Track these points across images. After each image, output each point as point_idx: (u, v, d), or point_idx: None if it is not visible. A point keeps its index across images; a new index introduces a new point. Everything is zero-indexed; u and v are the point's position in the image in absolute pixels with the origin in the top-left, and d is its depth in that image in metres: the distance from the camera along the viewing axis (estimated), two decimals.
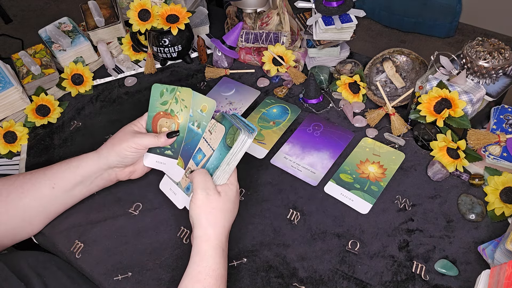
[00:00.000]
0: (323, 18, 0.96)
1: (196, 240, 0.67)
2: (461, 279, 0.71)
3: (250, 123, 0.74)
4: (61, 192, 0.77)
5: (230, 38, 1.05)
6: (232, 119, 0.73)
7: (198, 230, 0.67)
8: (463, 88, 0.82)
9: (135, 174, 0.83)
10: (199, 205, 0.68)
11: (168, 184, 0.81)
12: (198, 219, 0.68)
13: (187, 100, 0.77)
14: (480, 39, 0.82)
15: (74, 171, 0.77)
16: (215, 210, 0.68)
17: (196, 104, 0.77)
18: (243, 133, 0.69)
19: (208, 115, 0.76)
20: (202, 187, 0.69)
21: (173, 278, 0.75)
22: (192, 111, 0.77)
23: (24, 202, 0.75)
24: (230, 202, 0.71)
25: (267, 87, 1.04)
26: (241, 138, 0.69)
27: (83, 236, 0.81)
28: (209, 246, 0.66)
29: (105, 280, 0.75)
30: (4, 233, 0.75)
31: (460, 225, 0.77)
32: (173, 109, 0.78)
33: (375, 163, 0.87)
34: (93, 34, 1.12)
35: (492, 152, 0.81)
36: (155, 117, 0.79)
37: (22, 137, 0.98)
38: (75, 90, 1.06)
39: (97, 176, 0.79)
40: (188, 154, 0.77)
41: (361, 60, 1.05)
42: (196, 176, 0.70)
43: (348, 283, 0.72)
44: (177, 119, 0.78)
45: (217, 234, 0.67)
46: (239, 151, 0.71)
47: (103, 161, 0.77)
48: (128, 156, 0.76)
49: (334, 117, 0.97)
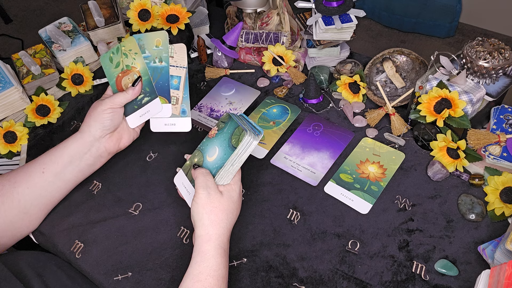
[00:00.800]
0: (323, 18, 0.96)
1: (197, 239, 0.67)
2: (461, 279, 0.71)
3: (256, 125, 0.74)
4: (52, 175, 0.78)
5: (230, 38, 1.05)
6: (238, 120, 0.73)
7: (200, 230, 0.67)
8: (463, 88, 0.82)
9: (123, 141, 0.83)
10: (200, 204, 0.68)
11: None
12: (200, 219, 0.68)
13: (134, 48, 0.81)
14: (480, 39, 0.82)
15: (62, 151, 0.78)
16: (216, 210, 0.68)
17: (149, 43, 0.81)
18: (248, 134, 0.69)
19: (164, 46, 0.80)
20: (203, 186, 0.69)
21: (173, 278, 0.75)
22: (148, 51, 0.81)
23: (18, 191, 0.76)
24: (233, 202, 0.70)
25: (267, 87, 1.04)
26: (247, 139, 0.69)
27: (83, 236, 0.81)
28: (210, 246, 0.66)
29: (105, 280, 0.75)
30: (4, 227, 0.75)
31: (460, 225, 0.77)
32: (127, 64, 0.82)
33: (375, 163, 0.87)
34: (93, 34, 1.12)
35: (492, 152, 0.81)
36: (117, 81, 0.82)
37: (22, 137, 0.98)
38: (75, 90, 1.06)
39: (85, 152, 0.79)
40: (165, 88, 0.81)
41: (361, 60, 1.05)
42: (198, 176, 0.70)
43: (348, 283, 0.72)
44: (135, 68, 0.81)
45: (218, 234, 0.67)
46: (244, 152, 0.70)
47: (86, 134, 0.78)
48: (106, 118, 0.78)
49: (334, 117, 0.97)
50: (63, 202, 0.85)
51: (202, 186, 0.69)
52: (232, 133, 0.72)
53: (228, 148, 0.71)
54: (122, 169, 0.91)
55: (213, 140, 0.75)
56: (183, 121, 0.84)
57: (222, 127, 0.74)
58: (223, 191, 0.70)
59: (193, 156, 0.77)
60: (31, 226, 0.80)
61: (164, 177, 0.89)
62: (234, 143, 0.71)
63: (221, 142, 0.73)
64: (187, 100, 0.84)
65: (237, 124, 0.72)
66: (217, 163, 0.72)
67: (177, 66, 0.80)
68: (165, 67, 0.81)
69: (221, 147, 0.72)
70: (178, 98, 0.83)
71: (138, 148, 0.94)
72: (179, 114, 0.83)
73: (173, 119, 0.83)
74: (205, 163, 0.74)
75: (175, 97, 0.81)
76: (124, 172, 0.91)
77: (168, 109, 0.82)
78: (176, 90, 0.81)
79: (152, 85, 0.81)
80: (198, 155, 0.76)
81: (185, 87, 0.83)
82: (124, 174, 0.90)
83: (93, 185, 0.89)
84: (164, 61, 0.81)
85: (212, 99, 1.03)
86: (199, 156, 0.75)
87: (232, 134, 0.71)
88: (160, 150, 0.94)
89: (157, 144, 0.95)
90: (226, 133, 0.73)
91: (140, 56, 0.81)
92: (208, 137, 0.76)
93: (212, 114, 1.00)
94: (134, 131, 0.85)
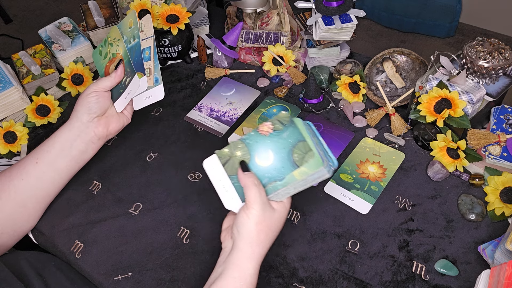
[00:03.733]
0: (323, 18, 0.96)
1: (237, 252, 0.63)
2: (461, 279, 0.71)
3: (329, 151, 0.64)
4: (45, 165, 0.78)
5: (230, 38, 1.05)
6: (306, 132, 0.62)
7: (244, 245, 0.62)
8: (463, 88, 0.82)
9: (113, 126, 0.83)
10: (253, 221, 0.62)
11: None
12: (248, 235, 0.62)
13: (117, 35, 0.84)
14: (480, 39, 0.82)
15: (53, 140, 0.80)
16: (267, 229, 0.63)
17: (125, 27, 0.84)
18: (325, 166, 0.59)
19: (135, 24, 0.83)
20: (259, 202, 0.62)
21: (173, 278, 0.75)
22: (125, 35, 0.84)
23: (14, 183, 0.77)
24: (282, 220, 0.66)
25: (267, 87, 1.04)
26: (322, 172, 0.60)
27: (83, 236, 0.81)
28: (252, 265, 0.62)
29: (105, 280, 0.75)
30: (3, 222, 0.76)
31: (460, 225, 0.77)
32: (113, 52, 0.85)
33: (375, 163, 0.87)
34: (93, 34, 1.12)
35: (492, 152, 0.81)
36: (105, 71, 0.85)
37: (22, 137, 0.98)
38: (75, 90, 1.06)
39: (75, 139, 0.80)
40: (139, 63, 0.82)
41: (361, 60, 1.05)
42: (251, 187, 0.62)
43: (348, 283, 0.72)
44: (119, 54, 0.84)
45: (262, 253, 0.64)
46: (312, 181, 0.62)
47: (73, 120, 0.80)
48: (91, 102, 0.79)
49: (334, 117, 0.97)
50: (63, 202, 0.85)
51: (258, 202, 0.62)
52: (295, 145, 0.62)
53: (287, 162, 0.62)
54: (122, 169, 0.91)
55: (265, 140, 0.64)
56: (157, 90, 0.83)
57: (280, 129, 0.64)
58: (276, 208, 0.64)
59: (234, 147, 0.65)
60: (30, 221, 0.80)
61: (164, 177, 0.89)
62: (297, 161, 0.61)
63: (277, 148, 0.63)
64: (158, 67, 0.84)
65: (302, 137, 0.62)
66: (271, 173, 0.63)
67: (146, 38, 0.82)
68: (137, 43, 0.82)
69: (278, 155, 0.63)
70: (151, 69, 0.84)
71: (138, 148, 0.94)
72: (153, 84, 0.83)
73: (149, 91, 0.84)
74: (253, 164, 0.64)
75: (148, 68, 0.83)
76: (124, 172, 0.91)
77: (144, 82, 0.83)
78: (148, 61, 0.83)
79: (132, 65, 0.82)
80: (242, 148, 0.65)
81: (155, 55, 0.84)
82: (124, 174, 0.90)
83: (93, 185, 0.89)
84: (136, 37, 0.83)
85: (212, 99, 1.03)
86: (243, 151, 0.65)
87: (295, 147, 0.62)
88: (160, 150, 0.94)
89: (157, 144, 0.95)
90: (285, 140, 0.63)
91: (122, 41, 0.84)
92: (257, 131, 0.65)
93: (212, 114, 1.00)
94: (123, 116, 0.85)
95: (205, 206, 0.84)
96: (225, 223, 0.70)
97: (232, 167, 0.65)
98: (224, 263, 0.63)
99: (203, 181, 0.87)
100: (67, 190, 0.86)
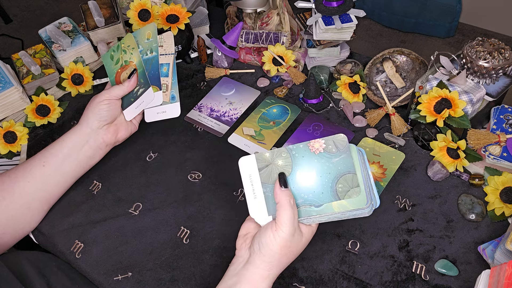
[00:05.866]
0: (323, 18, 0.96)
1: (253, 268, 0.60)
2: (461, 279, 0.71)
3: (375, 188, 0.61)
4: (52, 169, 0.79)
5: (230, 38, 1.05)
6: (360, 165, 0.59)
7: (262, 264, 0.60)
8: (463, 88, 0.82)
9: (121, 134, 0.84)
10: (280, 244, 0.59)
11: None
12: (271, 256, 0.60)
13: (132, 44, 0.84)
14: (480, 39, 0.82)
15: (61, 144, 0.80)
16: (290, 253, 0.61)
17: (142, 37, 0.84)
18: (367, 206, 0.58)
19: (154, 37, 0.83)
20: (290, 226, 0.59)
21: (173, 278, 0.75)
22: (141, 46, 0.84)
23: (19, 185, 0.77)
24: (305, 245, 0.63)
25: (267, 87, 1.04)
26: (362, 210, 0.59)
27: (83, 236, 0.81)
28: (266, 284, 0.61)
29: (105, 280, 0.75)
30: (5, 223, 0.75)
31: (460, 225, 0.77)
32: (126, 59, 0.84)
33: (375, 163, 0.87)
34: (93, 34, 1.12)
35: (492, 152, 0.81)
36: (116, 77, 0.84)
37: (22, 137, 0.98)
38: (75, 90, 1.06)
39: (83, 144, 0.80)
40: (156, 77, 0.82)
41: (361, 60, 1.05)
42: (286, 207, 0.59)
43: (348, 283, 0.72)
44: (132, 63, 0.84)
45: (278, 274, 0.62)
46: (349, 216, 0.61)
47: (84, 126, 0.80)
48: (103, 109, 0.79)
49: (334, 117, 0.97)
50: (63, 202, 0.85)
51: (289, 226, 0.58)
52: (342, 175, 0.58)
53: (329, 189, 0.58)
54: (122, 169, 0.91)
55: (312, 158, 0.60)
56: (172, 107, 0.85)
57: (333, 152, 0.59)
58: (304, 233, 0.62)
59: (277, 154, 0.61)
60: (32, 222, 0.80)
61: (164, 177, 0.89)
62: (340, 192, 0.58)
63: (323, 171, 0.59)
64: (176, 85, 0.86)
65: (353, 169, 0.58)
66: (308, 195, 0.59)
67: (166, 54, 0.83)
68: (155, 57, 0.83)
69: (321, 179, 0.59)
70: (168, 85, 0.85)
71: (138, 148, 0.94)
72: (169, 100, 0.84)
73: (163, 106, 0.85)
74: (292, 180, 0.60)
75: (165, 84, 0.84)
76: (124, 172, 0.91)
77: (160, 97, 0.84)
78: (165, 77, 0.84)
79: (146, 76, 0.83)
80: (285, 158, 0.60)
81: (174, 73, 0.85)
82: (124, 174, 0.90)
83: (93, 185, 0.89)
84: (154, 51, 0.83)
85: (212, 99, 1.03)
86: (286, 161, 0.60)
87: (342, 177, 0.58)
88: (160, 150, 0.94)
89: (157, 144, 0.95)
90: (334, 166, 0.59)
91: (137, 51, 0.84)
92: (307, 146, 0.60)
93: (212, 114, 1.00)
94: (132, 124, 0.86)
95: (205, 206, 0.84)
96: (243, 229, 0.65)
97: (269, 175, 0.61)
98: (237, 275, 0.61)
99: (203, 181, 0.87)
100: (67, 190, 0.86)
